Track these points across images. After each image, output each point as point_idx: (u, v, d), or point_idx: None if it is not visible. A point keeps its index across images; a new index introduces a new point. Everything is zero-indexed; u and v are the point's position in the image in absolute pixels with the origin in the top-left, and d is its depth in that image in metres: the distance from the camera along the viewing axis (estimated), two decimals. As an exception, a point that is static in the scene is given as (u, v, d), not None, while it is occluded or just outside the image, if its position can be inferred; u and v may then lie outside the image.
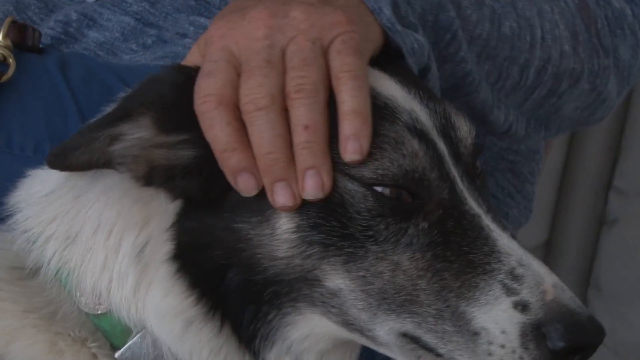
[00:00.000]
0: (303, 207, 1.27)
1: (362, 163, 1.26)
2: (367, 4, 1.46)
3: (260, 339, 1.34)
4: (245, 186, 1.28)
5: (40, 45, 1.85)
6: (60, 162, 1.31)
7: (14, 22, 1.73)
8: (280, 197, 1.27)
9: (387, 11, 1.46)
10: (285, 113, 1.28)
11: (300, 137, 1.27)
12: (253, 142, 1.28)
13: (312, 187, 1.26)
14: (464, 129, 1.37)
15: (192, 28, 1.90)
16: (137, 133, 1.29)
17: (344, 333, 1.33)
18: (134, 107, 1.30)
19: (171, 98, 1.33)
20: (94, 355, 1.38)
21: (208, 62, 1.33)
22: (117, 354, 1.38)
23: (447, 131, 1.35)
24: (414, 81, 1.40)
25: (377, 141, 1.27)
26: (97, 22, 1.98)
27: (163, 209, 1.34)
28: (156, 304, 1.34)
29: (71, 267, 1.38)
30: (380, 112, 1.30)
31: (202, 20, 1.90)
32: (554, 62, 1.73)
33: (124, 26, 1.97)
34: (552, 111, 1.85)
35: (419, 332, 1.28)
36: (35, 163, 1.49)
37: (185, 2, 1.93)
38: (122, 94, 1.40)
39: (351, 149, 1.26)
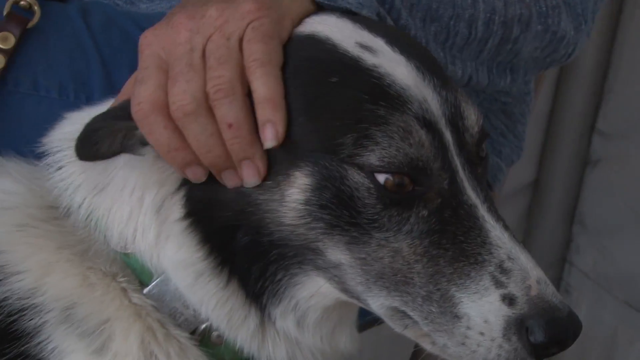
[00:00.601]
0: (317, 187, 1.28)
1: (371, 150, 1.25)
2: None
3: (267, 295, 1.36)
4: (194, 176, 1.33)
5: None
6: (88, 155, 1.35)
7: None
8: (230, 181, 1.31)
9: None
10: (212, 112, 1.30)
11: (227, 135, 1.29)
12: (191, 144, 1.30)
13: (249, 175, 1.30)
14: (472, 118, 1.35)
15: None
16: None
17: (343, 296, 1.34)
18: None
19: None
20: (124, 290, 1.39)
21: (139, 70, 1.34)
22: (145, 290, 1.39)
23: (455, 120, 1.33)
24: (430, 66, 1.37)
25: (387, 130, 1.26)
26: None
27: (174, 176, 1.37)
28: (171, 255, 1.37)
29: (100, 214, 1.41)
30: (393, 101, 1.28)
31: None
32: (500, 12, 1.70)
33: None
34: (512, 56, 1.83)
35: (405, 309, 1.29)
36: (60, 105, 1.48)
37: None
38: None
39: (268, 136, 1.27)
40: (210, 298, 1.36)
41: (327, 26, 1.37)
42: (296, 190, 1.30)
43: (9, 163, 1.51)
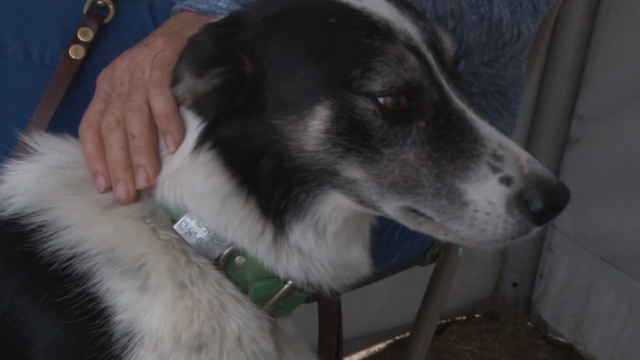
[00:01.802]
0: (335, 118, 1.30)
1: (374, 80, 1.28)
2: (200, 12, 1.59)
3: (291, 214, 1.37)
4: (99, 185, 1.42)
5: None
6: None
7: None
8: (119, 192, 1.41)
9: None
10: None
11: (132, 144, 1.41)
12: (107, 153, 1.43)
13: (141, 180, 1.40)
14: (448, 42, 1.39)
15: None
16: (183, 86, 1.36)
17: (360, 208, 1.36)
18: (178, 73, 1.37)
19: (199, 55, 1.36)
20: (153, 229, 1.40)
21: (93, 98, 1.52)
22: (175, 226, 1.41)
23: (434, 44, 1.36)
24: (406, 5, 1.40)
25: (384, 59, 1.29)
26: None
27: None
28: (200, 185, 1.38)
29: None
30: (384, 34, 1.31)
31: None
32: (430, 10, 1.67)
33: None
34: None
35: (418, 207, 1.31)
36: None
37: None
38: None
39: (168, 143, 1.39)
40: (234, 218, 1.38)
41: None
42: (318, 122, 1.31)
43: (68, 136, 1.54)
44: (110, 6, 1.72)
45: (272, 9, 1.37)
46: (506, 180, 1.25)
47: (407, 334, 3.28)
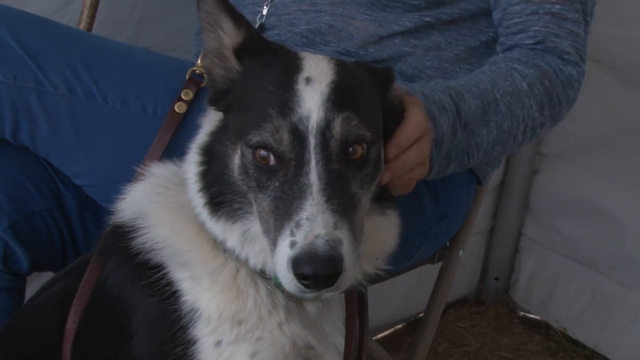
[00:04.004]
0: (240, 159, 1.29)
1: (255, 134, 1.23)
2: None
3: (226, 215, 1.34)
4: None
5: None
6: None
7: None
8: None
9: None
10: None
11: None
12: None
13: None
14: (337, 131, 1.24)
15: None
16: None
17: None
18: None
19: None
20: (200, 229, 1.38)
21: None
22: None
23: (324, 131, 1.23)
24: (344, 104, 1.25)
25: (267, 126, 1.23)
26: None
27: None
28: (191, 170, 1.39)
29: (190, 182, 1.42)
30: (284, 111, 1.23)
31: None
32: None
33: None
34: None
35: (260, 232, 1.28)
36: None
37: None
38: None
39: None
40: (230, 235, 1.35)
41: (312, 62, 1.31)
42: (237, 157, 1.30)
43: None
44: (205, 75, 1.69)
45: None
46: (292, 244, 1.16)
47: (421, 315, 3.27)
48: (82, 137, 1.67)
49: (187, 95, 1.68)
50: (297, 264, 1.15)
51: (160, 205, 1.42)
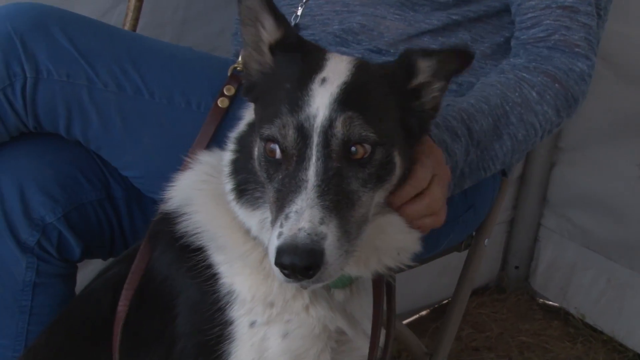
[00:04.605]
0: (259, 150, 1.28)
1: (267, 128, 1.22)
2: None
3: (248, 202, 1.34)
4: None
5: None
6: None
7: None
8: None
9: None
10: None
11: None
12: None
13: None
14: (338, 131, 1.20)
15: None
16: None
17: None
18: None
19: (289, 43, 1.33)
20: (235, 216, 1.36)
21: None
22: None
23: (326, 130, 1.20)
24: (350, 105, 1.22)
25: (277, 121, 1.22)
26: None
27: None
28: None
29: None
30: (293, 108, 1.22)
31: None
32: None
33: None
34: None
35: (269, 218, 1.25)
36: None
37: None
38: None
39: None
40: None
41: (333, 62, 1.29)
42: (255, 150, 1.29)
43: None
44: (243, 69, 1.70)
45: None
46: (279, 235, 1.15)
47: (445, 301, 3.24)
48: (130, 131, 1.68)
49: (229, 90, 1.68)
50: (278, 254, 1.13)
51: (204, 192, 1.41)
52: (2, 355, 1.68)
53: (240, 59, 1.68)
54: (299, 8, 1.90)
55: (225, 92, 1.68)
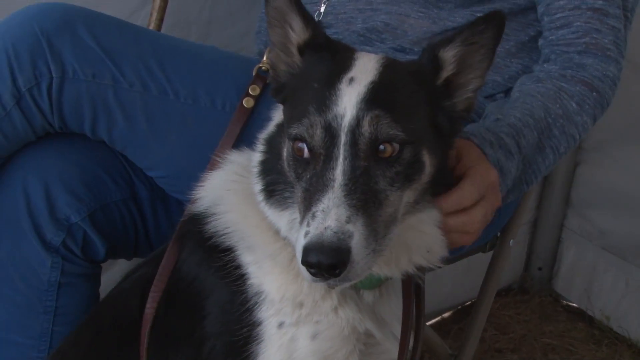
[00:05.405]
0: (288, 150, 1.27)
1: (295, 127, 1.22)
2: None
3: (277, 202, 1.33)
4: None
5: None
6: None
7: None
8: None
9: None
10: None
11: None
12: None
13: None
14: (365, 130, 1.19)
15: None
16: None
17: None
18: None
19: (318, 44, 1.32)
20: (265, 217, 1.36)
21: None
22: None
23: (354, 129, 1.18)
24: (378, 103, 1.21)
25: (305, 121, 1.20)
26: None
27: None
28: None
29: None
30: (321, 108, 1.20)
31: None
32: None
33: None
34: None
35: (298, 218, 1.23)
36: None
37: None
38: None
39: None
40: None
41: (362, 62, 1.28)
42: (285, 149, 1.27)
43: None
44: (270, 70, 1.68)
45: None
46: (305, 234, 1.13)
47: (468, 303, 3.21)
48: (155, 131, 1.67)
49: (254, 90, 1.67)
50: (305, 253, 1.12)
51: (234, 192, 1.41)
52: (26, 355, 1.68)
53: (265, 58, 1.67)
54: (322, 5, 1.89)
55: (251, 92, 1.67)
